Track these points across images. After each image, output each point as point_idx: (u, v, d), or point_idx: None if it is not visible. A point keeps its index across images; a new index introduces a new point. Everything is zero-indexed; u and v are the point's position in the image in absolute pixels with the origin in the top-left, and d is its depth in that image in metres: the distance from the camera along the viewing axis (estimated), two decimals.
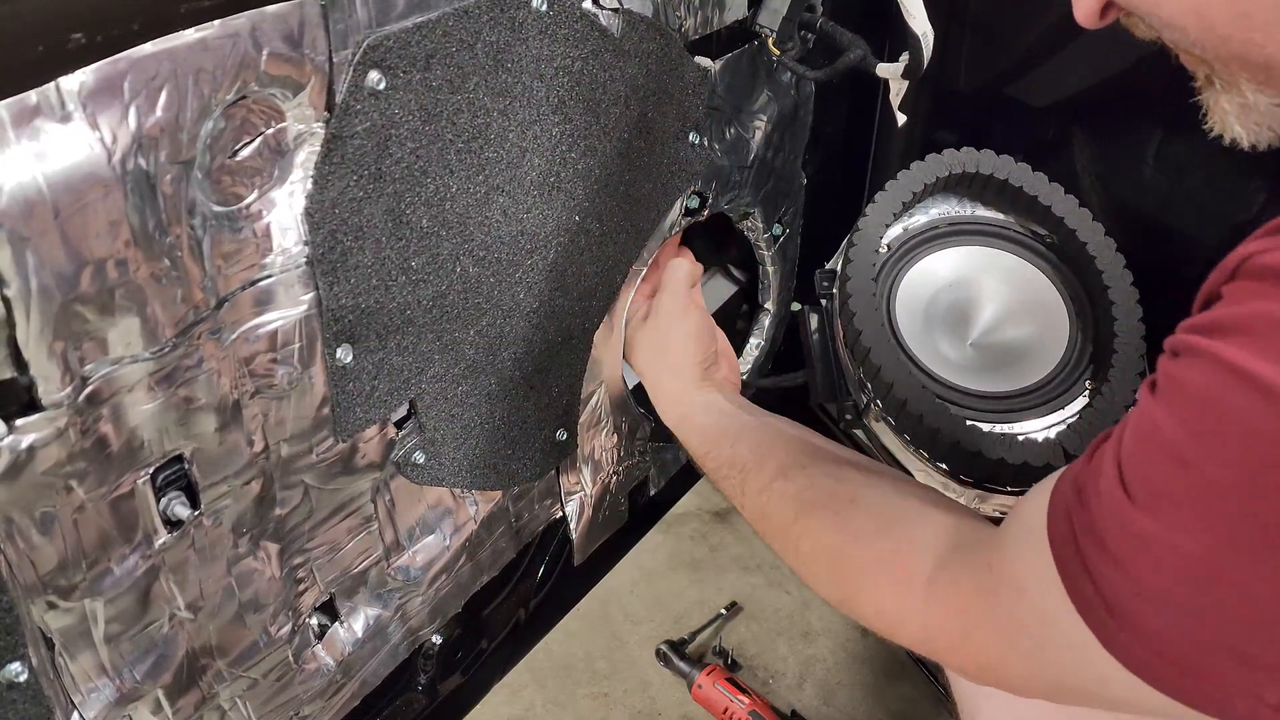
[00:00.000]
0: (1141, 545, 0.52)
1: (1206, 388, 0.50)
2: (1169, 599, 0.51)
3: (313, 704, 0.92)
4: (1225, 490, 0.48)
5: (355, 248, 0.73)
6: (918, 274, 1.13)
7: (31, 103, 0.52)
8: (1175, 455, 0.51)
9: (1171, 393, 0.53)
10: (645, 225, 1.04)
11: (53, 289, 0.56)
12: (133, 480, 0.67)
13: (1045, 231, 1.14)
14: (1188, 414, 0.51)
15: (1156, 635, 0.52)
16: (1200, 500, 0.49)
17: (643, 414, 1.21)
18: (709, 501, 1.76)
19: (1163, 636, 0.52)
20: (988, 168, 1.12)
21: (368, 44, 0.66)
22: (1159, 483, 0.52)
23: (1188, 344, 0.53)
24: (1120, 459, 0.55)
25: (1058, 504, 0.59)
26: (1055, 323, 1.11)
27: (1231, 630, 0.50)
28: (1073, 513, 0.57)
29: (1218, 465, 0.49)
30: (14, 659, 0.64)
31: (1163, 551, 0.51)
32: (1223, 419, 0.49)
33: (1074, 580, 0.56)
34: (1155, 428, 0.53)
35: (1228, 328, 0.50)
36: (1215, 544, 0.49)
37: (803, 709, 1.45)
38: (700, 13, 0.98)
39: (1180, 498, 0.50)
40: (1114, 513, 0.54)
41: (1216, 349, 0.50)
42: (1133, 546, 0.52)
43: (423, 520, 0.97)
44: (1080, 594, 0.56)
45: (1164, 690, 0.53)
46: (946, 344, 1.11)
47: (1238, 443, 0.48)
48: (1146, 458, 0.53)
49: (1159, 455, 0.52)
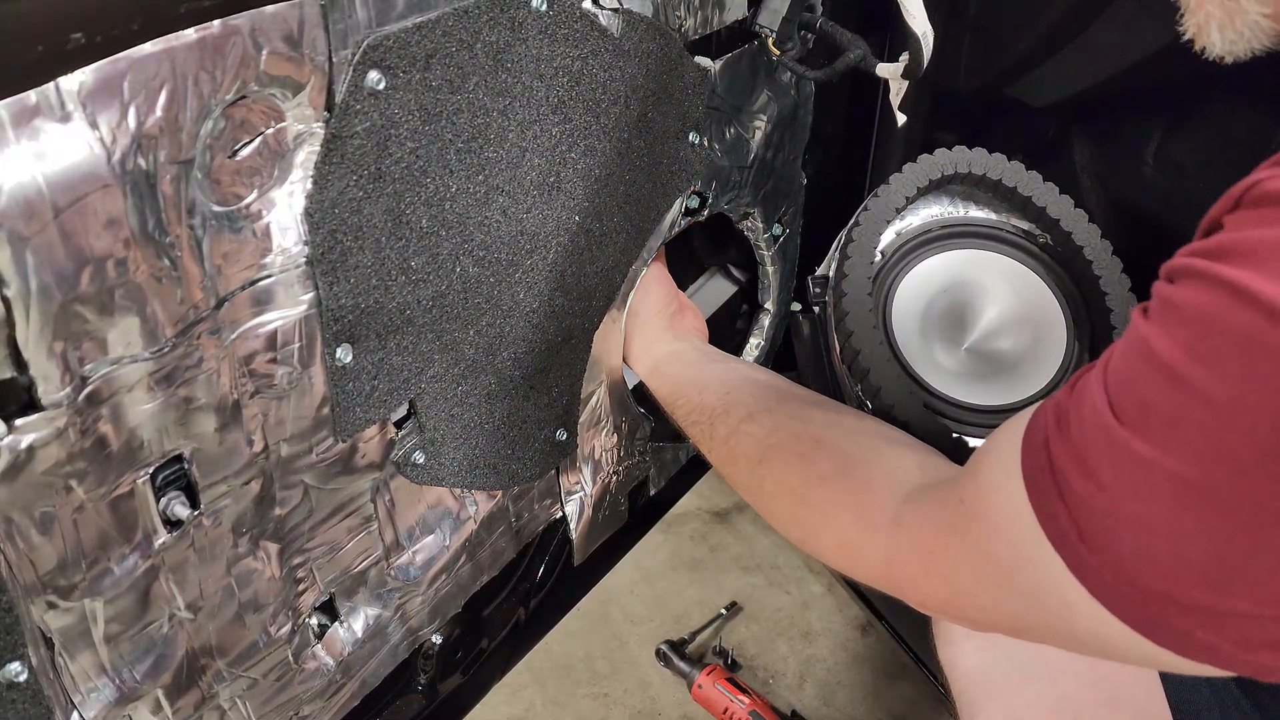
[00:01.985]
0: (1127, 467, 0.51)
1: (1206, 308, 0.48)
2: (1149, 523, 0.50)
3: (312, 704, 0.92)
4: (1223, 409, 0.47)
5: (355, 248, 0.73)
6: (912, 281, 1.12)
7: (31, 103, 0.52)
8: (1170, 375, 0.49)
9: (1167, 314, 0.51)
10: (645, 225, 1.04)
11: (52, 289, 0.56)
12: (132, 480, 0.67)
13: (1040, 232, 1.13)
14: (1185, 334, 0.49)
15: (1130, 560, 0.52)
16: (1195, 420, 0.48)
17: (643, 414, 1.21)
18: (709, 501, 1.76)
19: (1136, 562, 0.51)
20: (980, 168, 1.11)
21: (368, 44, 0.67)
22: (1151, 403, 0.50)
23: (1187, 266, 0.51)
24: (1108, 383, 0.53)
25: (1035, 434, 0.58)
26: (1052, 329, 1.09)
27: (1212, 557, 0.49)
28: (1051, 440, 0.56)
29: (1217, 384, 0.47)
30: (14, 659, 0.64)
31: (1150, 473, 0.50)
32: (1224, 338, 0.47)
33: (1047, 507, 0.55)
34: (1148, 349, 0.51)
35: (1230, 251, 0.49)
36: (1208, 465, 0.48)
37: (803, 709, 1.45)
38: (700, 13, 0.98)
39: (1174, 417, 0.49)
40: (1099, 435, 0.52)
41: (1218, 270, 0.48)
42: (1117, 468, 0.51)
43: (423, 520, 0.97)
44: (1052, 520, 0.55)
45: (1128, 619, 0.53)
46: (942, 353, 1.09)
47: (1238, 362, 0.46)
48: (1138, 378, 0.51)
49: (1152, 375, 0.50)
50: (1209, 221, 0.53)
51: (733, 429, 0.93)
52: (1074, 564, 0.54)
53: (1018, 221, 1.14)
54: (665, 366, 1.06)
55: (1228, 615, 0.49)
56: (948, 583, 0.66)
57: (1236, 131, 1.09)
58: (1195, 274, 0.50)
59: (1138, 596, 0.52)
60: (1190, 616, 0.51)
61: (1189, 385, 0.48)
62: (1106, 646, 0.56)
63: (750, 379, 0.99)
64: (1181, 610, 0.51)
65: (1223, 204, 0.52)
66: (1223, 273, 0.48)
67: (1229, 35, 0.64)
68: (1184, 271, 0.51)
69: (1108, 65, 1.14)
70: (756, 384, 0.98)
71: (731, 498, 1.75)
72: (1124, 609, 0.53)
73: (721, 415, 0.95)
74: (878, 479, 0.76)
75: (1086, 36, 1.14)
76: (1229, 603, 0.49)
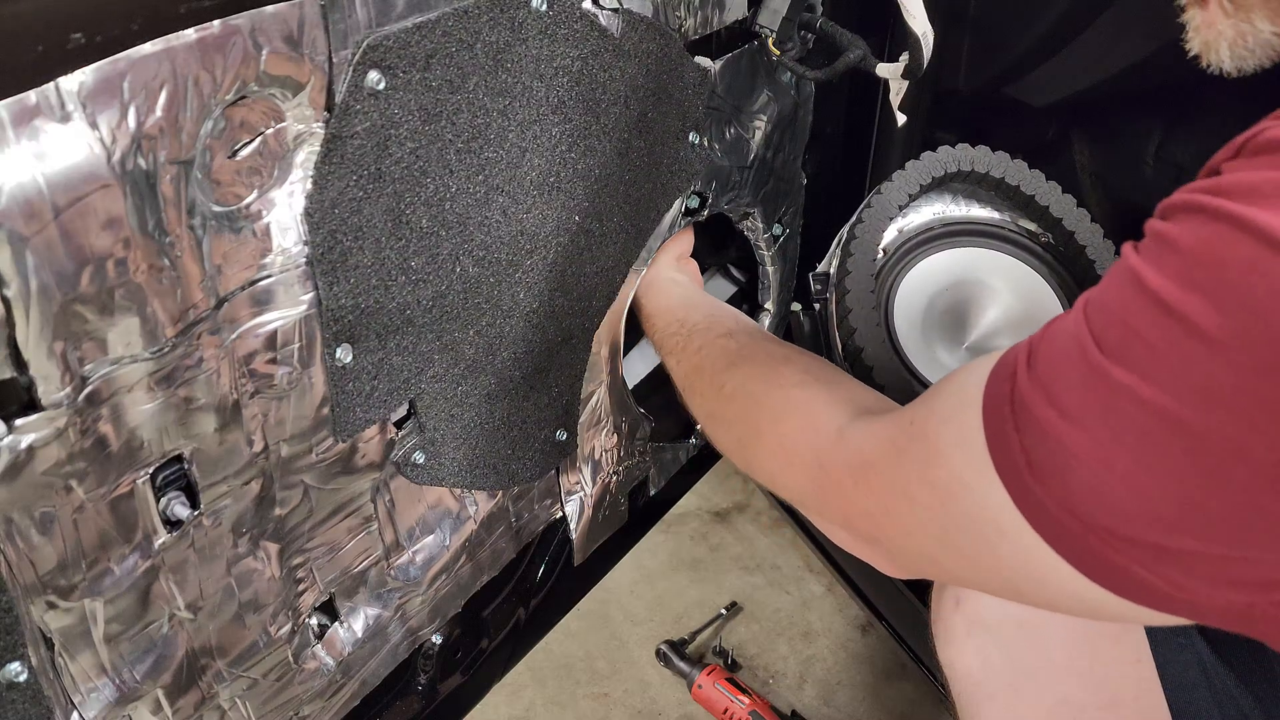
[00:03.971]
0: (1100, 393, 0.50)
1: (1206, 241, 0.47)
2: (1108, 455, 0.49)
3: (312, 704, 0.92)
4: (1214, 340, 0.46)
5: (355, 248, 0.73)
6: (914, 279, 1.12)
7: (31, 103, 0.52)
8: (1160, 304, 0.48)
9: (1161, 247, 0.50)
10: (645, 225, 1.04)
11: (52, 289, 0.56)
12: (132, 480, 0.67)
13: (1042, 231, 1.13)
14: (1180, 265, 0.48)
15: (1079, 492, 0.51)
16: (1182, 348, 0.47)
17: (643, 414, 1.21)
18: (709, 501, 1.76)
19: (1085, 494, 0.50)
20: (983, 166, 1.11)
21: (367, 44, 0.66)
22: (1137, 330, 0.49)
23: (1186, 202, 0.50)
24: (1088, 315, 0.52)
25: (1002, 368, 0.56)
26: None
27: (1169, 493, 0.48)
28: (1018, 373, 0.54)
29: (1210, 313, 0.46)
30: (14, 659, 0.64)
31: (1124, 400, 0.48)
32: (1223, 269, 0.46)
33: (999, 435, 0.54)
34: (1138, 279, 0.50)
35: (1231, 189, 0.48)
36: (1186, 394, 0.47)
37: (803, 709, 1.45)
38: (700, 13, 0.98)
39: (1159, 345, 0.48)
40: (1075, 362, 0.51)
41: (1219, 203, 0.47)
42: (1089, 395, 0.50)
43: (423, 520, 0.97)
44: (1002, 448, 0.54)
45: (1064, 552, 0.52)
46: (944, 351, 1.10)
47: (1236, 291, 0.45)
48: (1125, 307, 0.50)
49: (1141, 304, 0.49)
50: (1209, 168, 0.52)
51: (708, 341, 0.97)
52: (1017, 492, 0.54)
53: (1020, 221, 1.14)
54: (663, 285, 1.11)
55: (1172, 553, 0.49)
56: (876, 497, 0.65)
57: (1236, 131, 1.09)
58: (1195, 208, 0.49)
59: (1079, 528, 0.51)
60: (1130, 553, 0.50)
61: (1180, 314, 0.47)
62: (1032, 581, 0.55)
63: (736, 314, 1.06)
64: (1122, 545, 0.50)
65: (1224, 152, 0.52)
66: (1224, 206, 0.47)
67: (1239, 53, 0.64)
68: (1182, 206, 0.50)
69: (1108, 65, 1.14)
70: (742, 317, 1.05)
71: (731, 498, 1.76)
72: (1062, 541, 0.52)
73: (702, 330, 1.00)
74: (835, 396, 0.76)
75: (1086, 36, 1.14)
76: (1177, 540, 0.49)
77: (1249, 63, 0.65)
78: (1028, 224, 1.14)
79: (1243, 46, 0.64)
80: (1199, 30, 0.67)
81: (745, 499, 1.76)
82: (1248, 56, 0.64)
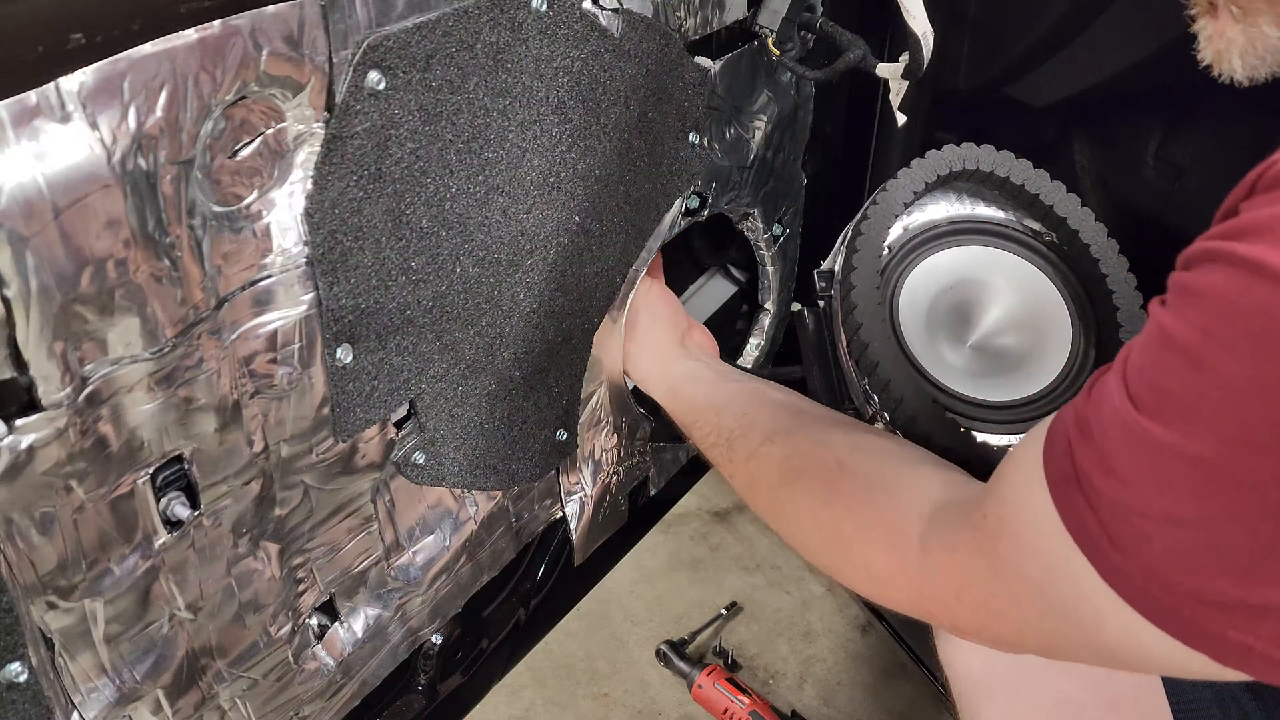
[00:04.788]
0: (1148, 456, 0.50)
1: (1222, 287, 0.48)
2: (1174, 515, 0.49)
3: (312, 704, 0.92)
4: (1241, 389, 0.46)
5: (355, 248, 0.73)
6: (919, 277, 1.12)
7: (31, 103, 0.52)
8: (1188, 357, 0.48)
9: (1183, 299, 0.50)
10: (645, 225, 1.04)
11: (52, 289, 0.56)
12: (132, 480, 0.67)
13: (1046, 230, 1.13)
14: (1201, 316, 0.49)
15: (1159, 558, 0.51)
16: (1214, 401, 0.47)
17: (643, 414, 1.21)
18: (709, 501, 1.76)
19: (1164, 559, 0.50)
20: (988, 165, 1.11)
21: (368, 44, 0.66)
22: (1169, 388, 0.49)
23: (1203, 250, 0.50)
24: (1126, 377, 0.53)
25: (1056, 440, 0.57)
26: (1058, 328, 1.09)
27: (1238, 544, 0.48)
28: (1074, 444, 0.55)
29: (1233, 363, 0.46)
30: (14, 659, 0.64)
31: (1171, 460, 0.49)
32: (1240, 316, 0.47)
33: (1074, 513, 0.54)
34: (1165, 335, 0.50)
35: (1245, 231, 0.48)
36: (1228, 446, 0.47)
37: (803, 709, 1.45)
38: (700, 13, 0.98)
39: (1193, 401, 0.48)
40: (1119, 429, 0.51)
41: (1233, 249, 0.48)
42: (1138, 459, 0.50)
43: (423, 520, 0.97)
44: (1080, 526, 0.54)
45: (1160, 623, 0.52)
46: (948, 349, 1.09)
47: (1255, 338, 0.46)
48: (1156, 365, 0.51)
49: (1170, 360, 0.50)
50: (1225, 209, 0.52)
51: (752, 452, 0.91)
52: (1104, 569, 0.53)
53: (1025, 220, 1.14)
54: (682, 388, 1.05)
55: (1261, 610, 0.49)
56: (981, 606, 0.65)
57: (1237, 131, 1.09)
58: (1211, 256, 0.49)
59: (1168, 598, 0.51)
60: (1223, 616, 0.50)
61: (1206, 366, 0.48)
62: (1140, 657, 0.55)
63: (767, 398, 0.98)
64: (1213, 609, 0.50)
65: (1239, 191, 0.52)
66: (1238, 250, 0.47)
67: (1250, 61, 0.64)
68: (1200, 255, 0.51)
69: (1108, 65, 1.14)
70: (774, 403, 0.96)
71: (731, 498, 1.75)
72: (1155, 612, 0.52)
73: (740, 437, 0.93)
74: (903, 504, 0.74)
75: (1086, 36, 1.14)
76: (1261, 594, 0.48)
77: (1261, 71, 0.65)
78: (1032, 223, 1.14)
79: (1254, 54, 0.64)
80: (1210, 40, 0.66)
81: None
82: (1259, 64, 0.64)
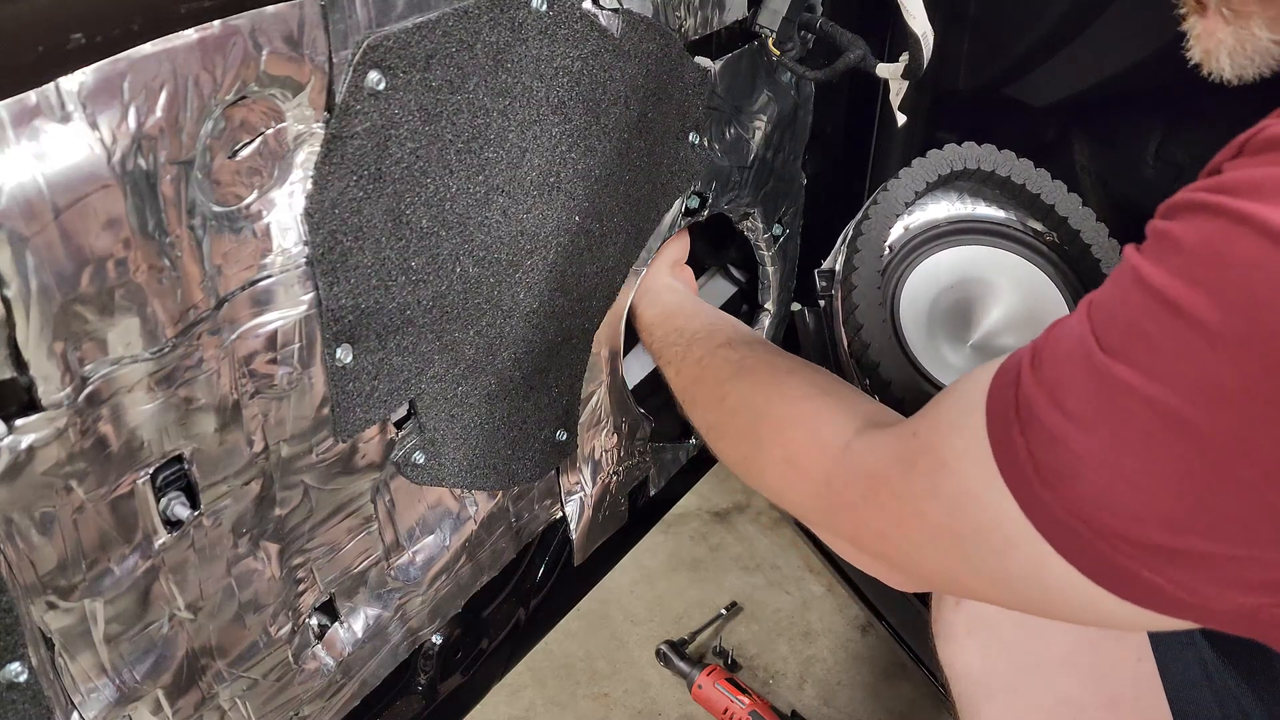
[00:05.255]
0: (1104, 393, 0.49)
1: (1208, 237, 0.47)
2: (1114, 456, 0.49)
3: (312, 704, 0.92)
4: (1216, 335, 0.45)
5: (355, 248, 0.73)
6: (920, 276, 1.12)
7: (31, 103, 0.52)
8: (1164, 301, 0.48)
9: (1163, 245, 0.50)
10: (645, 225, 1.04)
11: (53, 289, 0.56)
12: (132, 480, 0.67)
13: (1047, 230, 1.13)
14: (1183, 262, 0.48)
15: (1087, 495, 0.50)
16: (1186, 345, 0.46)
17: (643, 414, 1.21)
18: (709, 501, 1.76)
19: (1093, 497, 0.50)
20: (989, 164, 1.11)
21: (368, 44, 0.66)
22: (1141, 328, 0.48)
23: (1188, 200, 0.50)
24: (1091, 316, 0.52)
25: (1006, 373, 0.56)
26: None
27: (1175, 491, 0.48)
28: (1023, 376, 0.54)
29: (1214, 310, 0.46)
30: (14, 659, 0.64)
31: (1128, 399, 0.48)
32: (1226, 265, 0.46)
33: (1005, 441, 0.54)
34: (1141, 278, 0.49)
35: (1234, 187, 0.48)
36: (1191, 391, 0.46)
37: (803, 709, 1.45)
38: (700, 13, 0.98)
39: (1163, 343, 0.47)
40: (1078, 363, 0.51)
41: (1222, 200, 0.47)
42: (1093, 395, 0.50)
43: (423, 520, 0.97)
44: (1009, 455, 0.54)
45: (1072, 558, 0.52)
46: (948, 349, 1.09)
47: (1239, 287, 0.45)
48: (1128, 306, 0.50)
49: (1145, 302, 0.49)
50: (1210, 168, 0.52)
51: (709, 350, 0.95)
52: (1025, 499, 0.53)
53: (1026, 219, 1.14)
54: (660, 293, 1.10)
55: (1180, 554, 0.49)
56: (885, 513, 0.65)
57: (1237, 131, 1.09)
58: (1198, 206, 0.49)
59: (1088, 533, 0.51)
60: (1139, 556, 0.50)
61: (1184, 311, 0.47)
62: (1041, 591, 0.55)
63: (736, 322, 1.04)
64: (1132, 549, 0.50)
65: (1225, 152, 0.51)
66: (1226, 202, 0.47)
67: (1239, 61, 0.65)
68: (1185, 205, 0.50)
69: (1108, 65, 1.14)
70: (742, 326, 1.03)
71: (731, 498, 1.75)
72: (1070, 547, 0.52)
73: (703, 339, 0.98)
74: (841, 408, 0.76)
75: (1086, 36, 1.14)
76: (1185, 541, 0.48)
77: (1249, 71, 0.65)
78: (1033, 223, 1.14)
79: (1242, 54, 0.64)
80: (1199, 38, 0.67)
81: (745, 499, 1.76)
82: (1247, 65, 0.65)
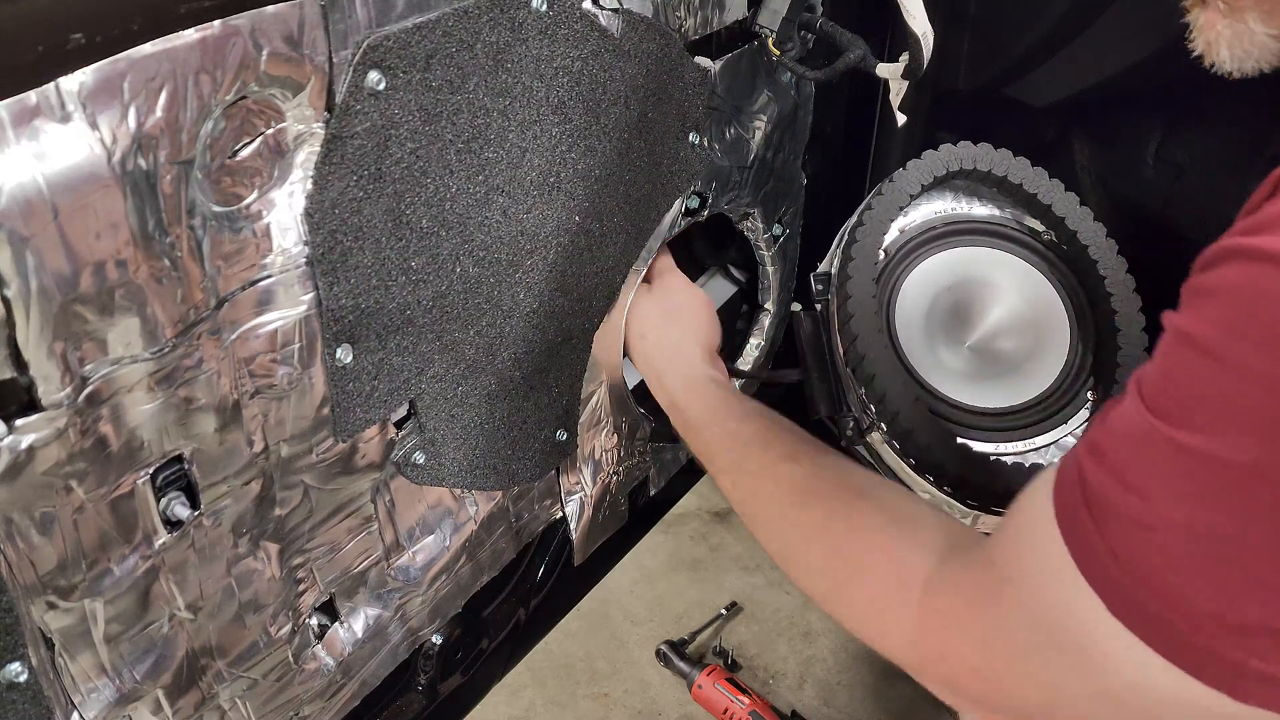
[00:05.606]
0: (1172, 463, 0.47)
1: (1241, 281, 0.46)
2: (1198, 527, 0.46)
3: (313, 704, 0.92)
4: (1270, 381, 0.44)
5: (355, 248, 0.73)
6: (916, 279, 1.11)
7: (31, 103, 0.52)
8: (1211, 356, 0.46)
9: (1201, 299, 0.49)
10: (645, 225, 1.04)
11: (53, 289, 0.56)
12: (132, 480, 0.67)
13: (1045, 230, 1.12)
14: (1220, 312, 0.47)
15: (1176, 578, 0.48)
16: (1242, 397, 0.45)
17: (643, 414, 1.21)
18: (709, 501, 1.76)
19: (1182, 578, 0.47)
20: (985, 164, 1.11)
21: (368, 44, 0.66)
22: (1194, 390, 0.47)
23: (1222, 248, 0.49)
24: (1143, 392, 0.50)
25: (1065, 473, 0.54)
26: (1056, 329, 1.09)
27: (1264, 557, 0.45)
28: (1085, 470, 0.52)
29: (1261, 357, 0.44)
30: (14, 659, 0.64)
31: (1199, 466, 0.46)
32: (1259, 307, 0.45)
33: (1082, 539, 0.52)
34: (1183, 336, 0.48)
35: (1266, 226, 0.46)
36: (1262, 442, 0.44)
37: (803, 709, 1.45)
38: (700, 13, 0.98)
39: (1219, 399, 0.46)
40: (1140, 441, 0.49)
41: (1254, 243, 0.46)
42: (1162, 470, 0.48)
43: (423, 520, 0.97)
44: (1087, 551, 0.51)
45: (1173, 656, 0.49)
46: (946, 351, 1.09)
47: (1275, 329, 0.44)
48: (1177, 369, 0.48)
49: (1191, 360, 0.47)
50: (1246, 210, 0.51)
51: (769, 464, 0.89)
52: (1113, 599, 0.51)
53: (1023, 219, 1.13)
54: (704, 389, 1.02)
55: None
56: (978, 652, 0.62)
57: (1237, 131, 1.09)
58: (1232, 252, 0.48)
59: (1184, 624, 0.48)
60: (1244, 642, 0.47)
61: (1231, 363, 0.46)
62: (1153, 703, 0.52)
63: (787, 423, 0.96)
64: (1234, 634, 0.47)
65: (1261, 190, 0.50)
66: (1254, 244, 0.46)
67: (1237, 53, 0.66)
68: (1220, 254, 0.49)
69: (1108, 65, 1.14)
70: (794, 429, 0.94)
71: None
72: (1169, 643, 0.49)
73: (758, 448, 0.91)
74: (917, 539, 0.72)
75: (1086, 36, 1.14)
76: None
77: (1248, 64, 0.66)
78: (1030, 222, 1.13)
79: (1240, 47, 0.66)
80: (1201, 31, 0.68)
81: None
82: (1245, 58, 0.66)
